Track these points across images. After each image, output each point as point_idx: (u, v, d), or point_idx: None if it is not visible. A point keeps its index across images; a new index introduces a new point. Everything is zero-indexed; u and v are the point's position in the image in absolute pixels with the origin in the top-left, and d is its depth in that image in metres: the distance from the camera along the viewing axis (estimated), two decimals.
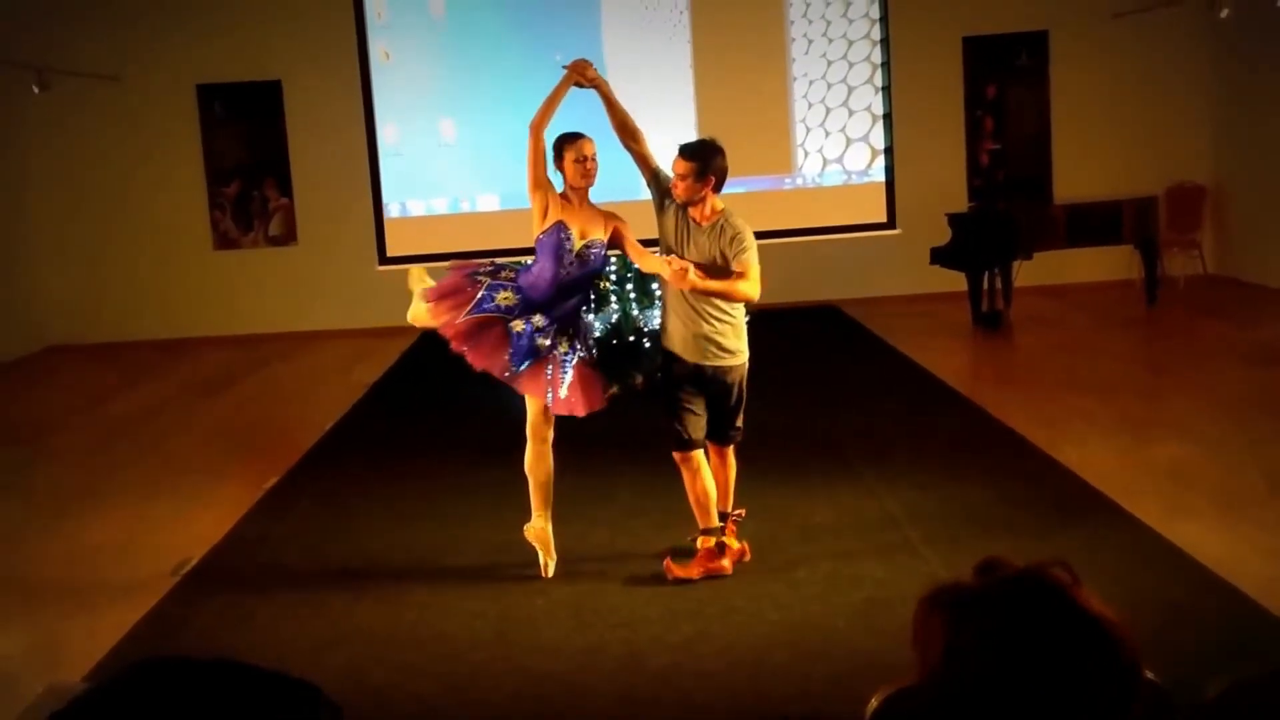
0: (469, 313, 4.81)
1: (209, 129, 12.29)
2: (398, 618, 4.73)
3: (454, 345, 4.84)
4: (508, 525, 5.38)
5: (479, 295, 4.83)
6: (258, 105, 12.21)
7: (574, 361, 4.92)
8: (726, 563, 4.94)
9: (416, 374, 9.76)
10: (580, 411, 4.94)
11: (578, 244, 4.84)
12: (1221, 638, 4.06)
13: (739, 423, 5.01)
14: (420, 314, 5.00)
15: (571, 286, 4.90)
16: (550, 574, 5.02)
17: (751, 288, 4.74)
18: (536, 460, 5.02)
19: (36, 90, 10.84)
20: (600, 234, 4.89)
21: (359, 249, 12.01)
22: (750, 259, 4.74)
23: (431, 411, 8.38)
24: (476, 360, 4.83)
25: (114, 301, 12.45)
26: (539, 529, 5.07)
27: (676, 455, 4.93)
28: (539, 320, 4.83)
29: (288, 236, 12.44)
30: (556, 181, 4.92)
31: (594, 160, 4.86)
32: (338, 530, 5.84)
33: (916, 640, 1.35)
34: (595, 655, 4.29)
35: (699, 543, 4.98)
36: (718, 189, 4.80)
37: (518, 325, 4.81)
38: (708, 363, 4.85)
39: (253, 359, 11.01)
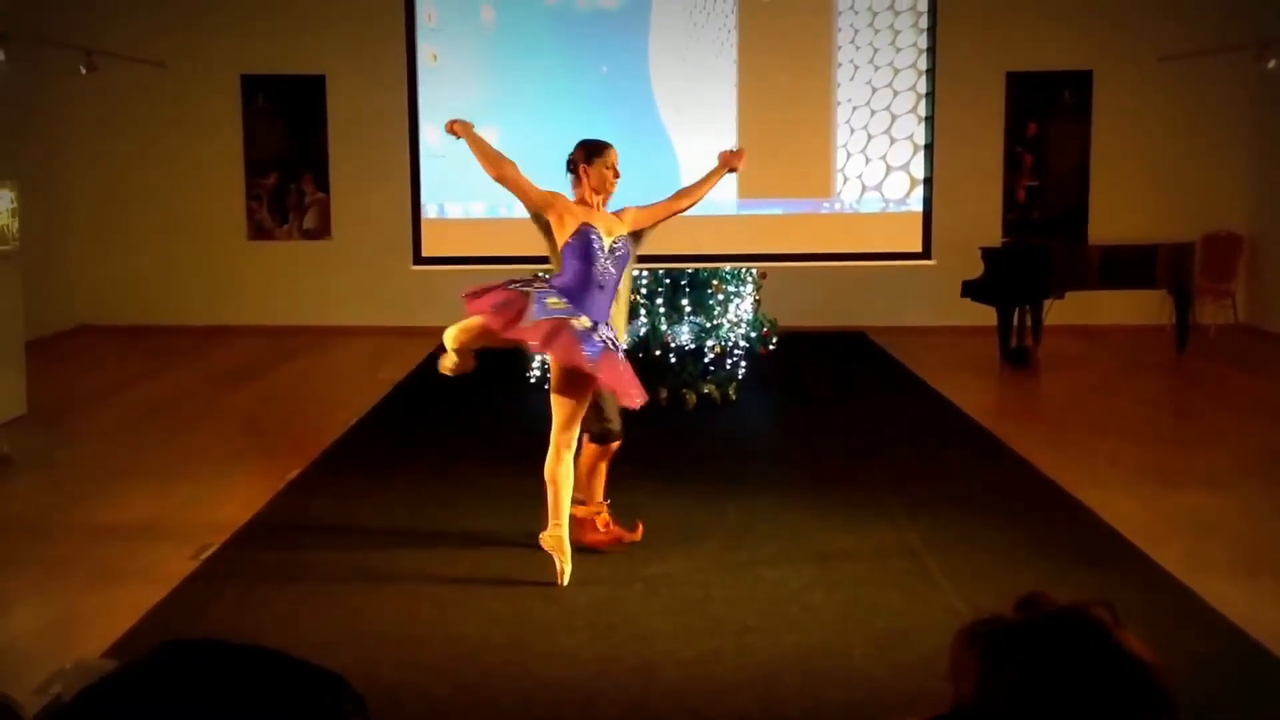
0: (532, 317, 4.82)
1: (250, 120, 12.40)
2: (412, 616, 4.74)
3: (536, 347, 5.00)
4: (526, 529, 5.39)
5: (532, 306, 4.85)
6: (300, 99, 12.31)
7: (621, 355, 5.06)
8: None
9: (442, 375, 9.77)
10: (634, 399, 4.97)
11: (607, 242, 5.02)
12: (1240, 690, 4.03)
13: None
14: (462, 328, 5.07)
15: (604, 285, 5.02)
16: (566, 581, 5.03)
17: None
18: (557, 467, 5.05)
19: (84, 71, 10.95)
20: (623, 229, 5.16)
21: (392, 247, 11.95)
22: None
23: (455, 413, 8.41)
24: (565, 358, 4.85)
25: (146, 285, 12.55)
26: (556, 537, 5.08)
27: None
28: (585, 320, 4.90)
29: (322, 231, 12.52)
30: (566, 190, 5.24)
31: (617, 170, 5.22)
32: (357, 525, 5.87)
33: (952, 672, 1.33)
34: (607, 665, 4.28)
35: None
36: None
37: (582, 322, 4.88)
38: None
39: (281, 350, 11.08)
